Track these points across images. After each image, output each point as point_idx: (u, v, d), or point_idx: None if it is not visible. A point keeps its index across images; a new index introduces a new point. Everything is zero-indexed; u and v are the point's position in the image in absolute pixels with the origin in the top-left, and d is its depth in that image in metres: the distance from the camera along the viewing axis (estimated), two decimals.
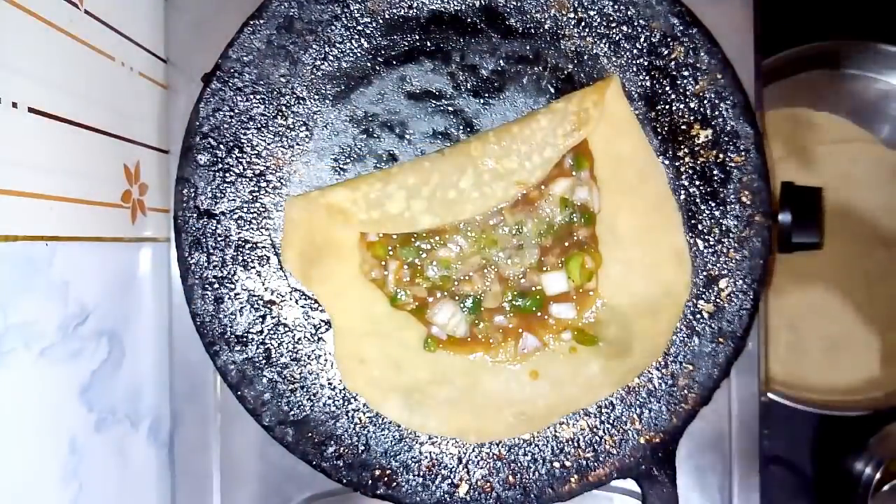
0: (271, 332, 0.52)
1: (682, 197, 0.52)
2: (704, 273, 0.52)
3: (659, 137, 0.52)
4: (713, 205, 0.52)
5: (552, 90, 0.53)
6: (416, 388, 0.52)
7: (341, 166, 0.53)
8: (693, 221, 0.52)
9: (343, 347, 0.52)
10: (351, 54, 0.52)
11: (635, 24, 0.51)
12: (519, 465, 0.52)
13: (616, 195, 0.53)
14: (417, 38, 0.52)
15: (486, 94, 0.52)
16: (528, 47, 0.52)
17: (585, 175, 0.53)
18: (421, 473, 0.52)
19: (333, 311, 0.52)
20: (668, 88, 0.52)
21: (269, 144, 0.52)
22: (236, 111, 0.51)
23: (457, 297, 0.53)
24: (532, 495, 0.52)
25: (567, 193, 0.53)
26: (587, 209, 0.53)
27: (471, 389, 0.53)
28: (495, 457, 0.52)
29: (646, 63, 0.52)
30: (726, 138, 0.51)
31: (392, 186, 0.51)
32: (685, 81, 0.51)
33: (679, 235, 0.52)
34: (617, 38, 0.52)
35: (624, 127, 0.52)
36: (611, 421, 0.52)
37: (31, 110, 0.44)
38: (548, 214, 0.53)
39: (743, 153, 0.51)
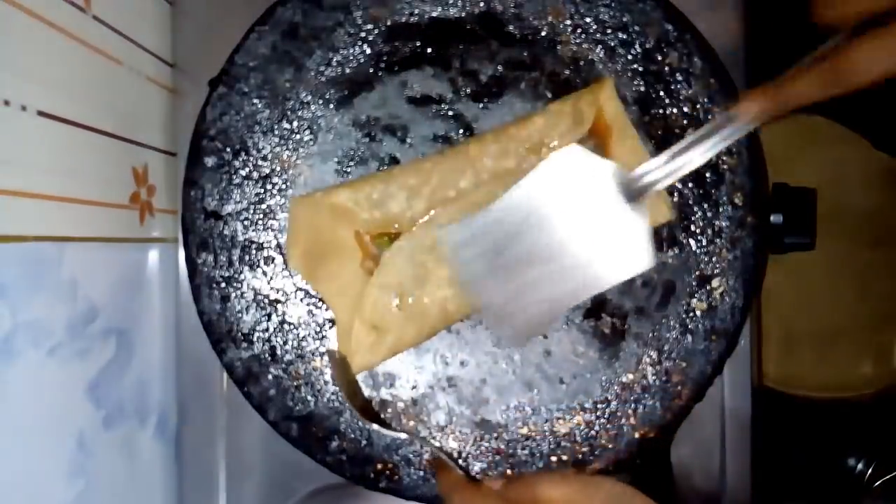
0: (276, 330, 0.53)
1: (676, 198, 0.53)
2: (697, 272, 0.53)
3: (653, 141, 0.53)
4: (706, 206, 0.53)
5: (549, 94, 0.53)
6: None
7: (345, 169, 0.54)
8: (686, 222, 0.53)
9: (345, 344, 0.53)
10: (354, 60, 0.53)
11: (630, 29, 0.52)
12: (517, 459, 0.53)
13: None
14: (418, 44, 0.53)
15: (486, 99, 0.53)
16: (525, 53, 0.53)
17: None
18: (422, 467, 0.53)
19: (337, 308, 0.53)
20: (662, 93, 0.53)
21: (274, 147, 0.53)
22: (242, 115, 0.52)
23: None
24: None
25: None
26: None
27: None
28: (494, 451, 0.53)
29: (640, 68, 0.53)
30: None
31: (393, 187, 0.52)
32: (679, 86, 0.52)
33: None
34: (612, 44, 0.53)
35: (617, 126, 0.52)
36: (606, 416, 0.53)
37: (39, 113, 0.44)
38: None
39: (735, 155, 0.52)
